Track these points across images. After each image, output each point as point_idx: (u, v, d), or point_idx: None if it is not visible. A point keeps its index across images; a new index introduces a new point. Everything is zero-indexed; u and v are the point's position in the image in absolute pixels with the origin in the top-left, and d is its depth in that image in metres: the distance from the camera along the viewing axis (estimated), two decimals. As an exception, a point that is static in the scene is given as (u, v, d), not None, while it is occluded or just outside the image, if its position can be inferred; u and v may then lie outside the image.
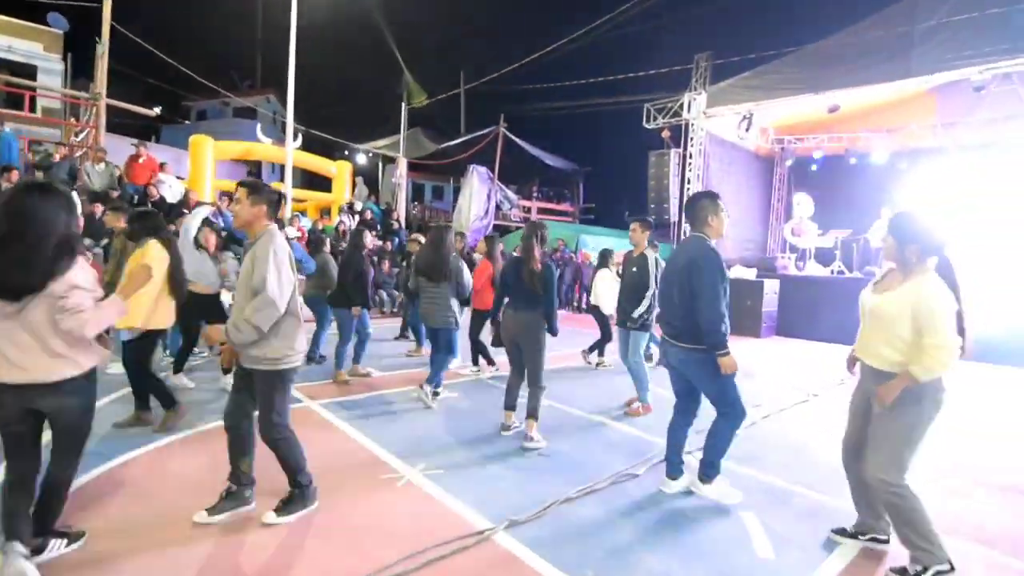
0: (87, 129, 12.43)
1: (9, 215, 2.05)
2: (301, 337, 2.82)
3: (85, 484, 3.07)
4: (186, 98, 28.40)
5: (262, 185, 2.81)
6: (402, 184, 17.08)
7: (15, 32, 15.71)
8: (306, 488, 2.89)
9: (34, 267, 2.04)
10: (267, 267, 2.55)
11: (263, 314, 2.55)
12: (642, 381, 4.98)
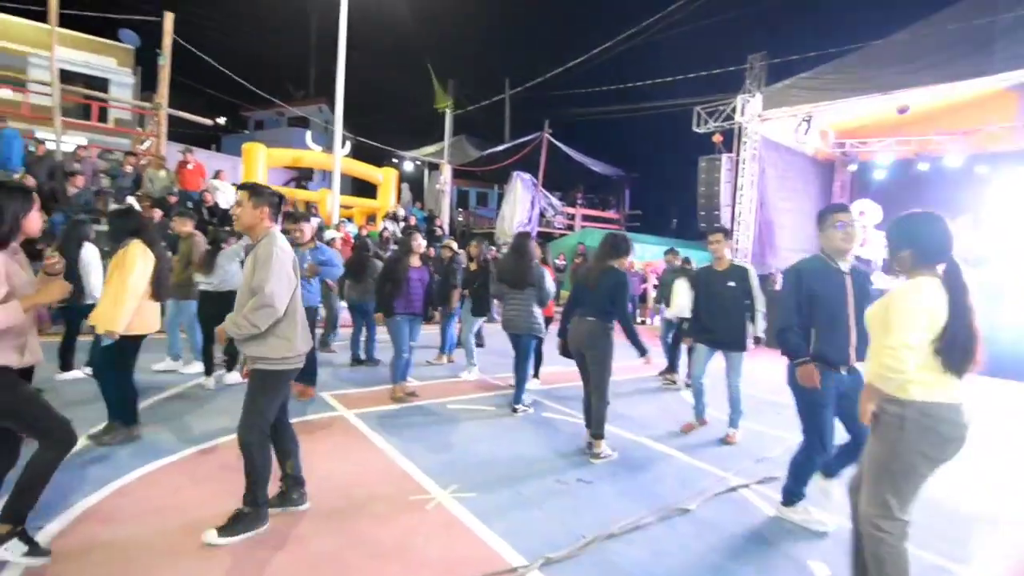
0: (150, 138, 13.05)
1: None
2: (299, 341, 2.74)
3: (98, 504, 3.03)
4: (245, 109, 29.65)
5: (263, 188, 2.79)
6: (446, 191, 17.13)
7: (92, 48, 16.73)
8: (260, 507, 2.69)
9: None
10: (268, 270, 2.56)
11: (260, 313, 2.55)
12: (739, 407, 4.55)
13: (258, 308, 2.54)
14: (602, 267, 4.04)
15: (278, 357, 2.66)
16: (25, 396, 2.36)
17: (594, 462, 3.92)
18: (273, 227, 2.74)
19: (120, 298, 3.58)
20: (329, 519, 2.89)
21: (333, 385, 5.65)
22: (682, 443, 4.48)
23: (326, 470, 3.50)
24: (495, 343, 8.44)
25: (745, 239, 13.13)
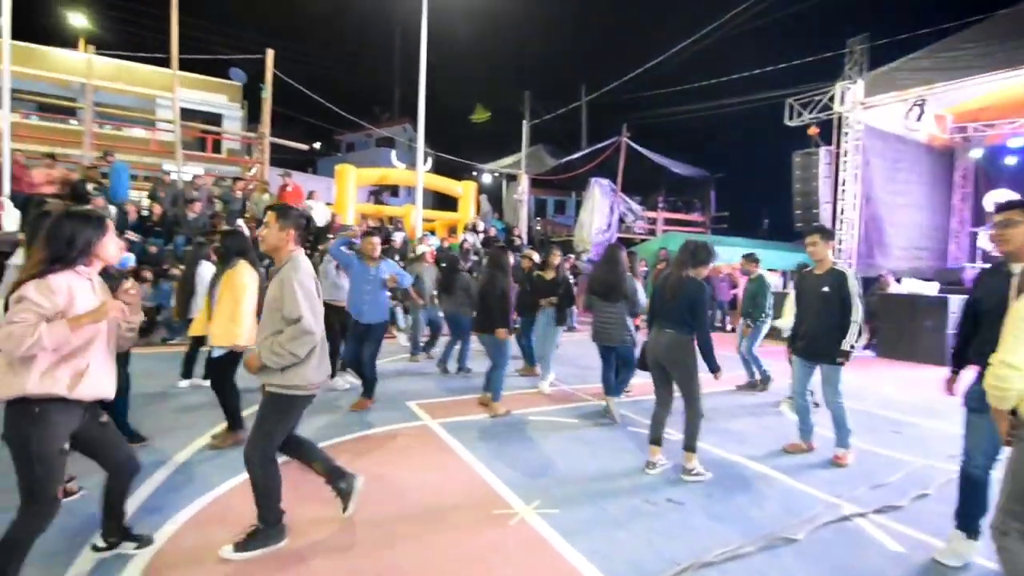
0: (256, 165, 14.30)
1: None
2: (313, 372, 2.68)
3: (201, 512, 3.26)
4: (337, 133, 31.75)
5: (291, 209, 2.79)
6: (524, 200, 17.25)
7: (207, 88, 18.68)
8: (272, 526, 2.67)
9: (21, 279, 2.06)
10: (298, 298, 2.54)
11: (300, 342, 2.55)
12: (845, 425, 4.14)
13: (297, 337, 2.53)
14: (680, 277, 3.86)
15: (291, 384, 2.63)
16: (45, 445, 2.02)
17: (685, 479, 3.73)
18: (297, 250, 2.73)
19: (235, 316, 3.87)
20: (412, 529, 2.93)
21: (420, 394, 5.80)
22: (784, 464, 4.12)
23: (410, 480, 3.57)
24: (574, 354, 8.31)
25: (849, 239, 12.04)
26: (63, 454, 2.08)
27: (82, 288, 2.17)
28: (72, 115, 16.69)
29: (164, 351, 7.64)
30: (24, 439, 1.97)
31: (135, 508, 2.97)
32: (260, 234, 2.81)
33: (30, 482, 1.99)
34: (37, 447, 1.97)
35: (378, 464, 3.84)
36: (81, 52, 16.16)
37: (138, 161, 15.55)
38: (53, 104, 15.56)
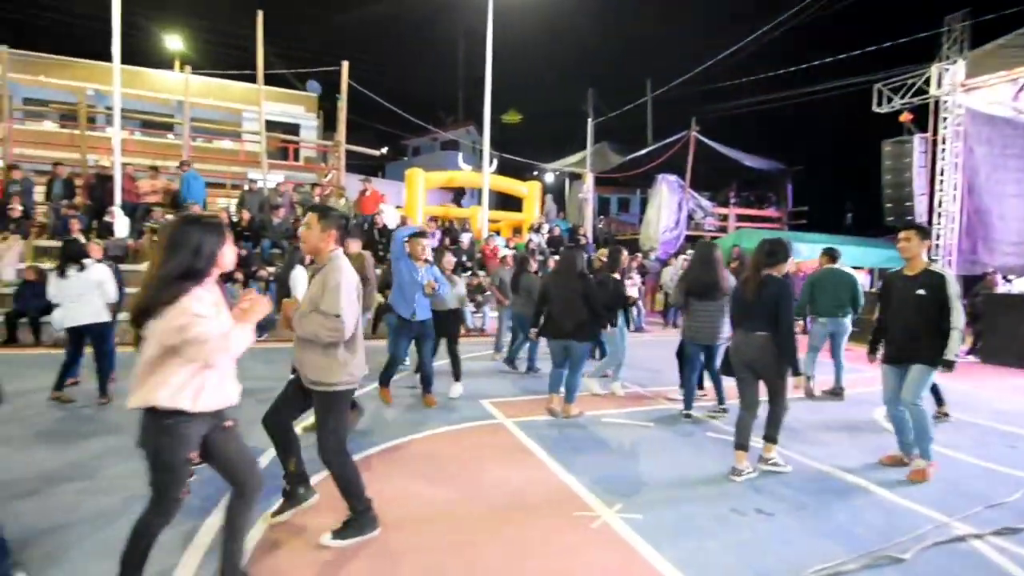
0: (331, 171, 15.03)
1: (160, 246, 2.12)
2: (356, 367, 2.79)
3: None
4: (404, 138, 32.77)
5: (331, 210, 2.83)
6: (589, 199, 17.07)
7: (285, 100, 19.81)
8: (363, 514, 2.78)
9: (151, 292, 2.01)
10: (339, 296, 2.62)
11: (331, 334, 2.65)
12: (928, 432, 3.82)
13: (333, 330, 2.63)
14: (760, 276, 3.79)
15: (336, 380, 2.72)
16: (174, 455, 2.09)
17: (763, 468, 3.81)
18: (338, 250, 2.77)
19: None
20: (494, 527, 2.98)
21: (494, 393, 5.88)
22: (881, 477, 3.84)
23: (489, 477, 3.63)
24: (643, 356, 8.14)
25: (949, 233, 11.07)
26: (189, 463, 2.15)
27: (213, 296, 2.17)
28: (170, 130, 18.23)
29: (255, 347, 8.17)
30: (156, 448, 2.07)
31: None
32: (301, 235, 2.84)
33: (158, 485, 2.11)
34: (167, 457, 2.07)
35: (457, 460, 3.94)
36: (178, 72, 17.63)
37: (226, 171, 16.79)
38: (154, 121, 17.06)
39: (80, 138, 13.21)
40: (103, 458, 3.81)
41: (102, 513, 3.00)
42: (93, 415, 4.78)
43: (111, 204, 10.03)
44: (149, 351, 2.03)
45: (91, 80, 16.20)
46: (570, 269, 5.02)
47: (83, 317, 4.97)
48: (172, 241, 2.07)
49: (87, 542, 2.70)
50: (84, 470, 3.59)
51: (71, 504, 3.09)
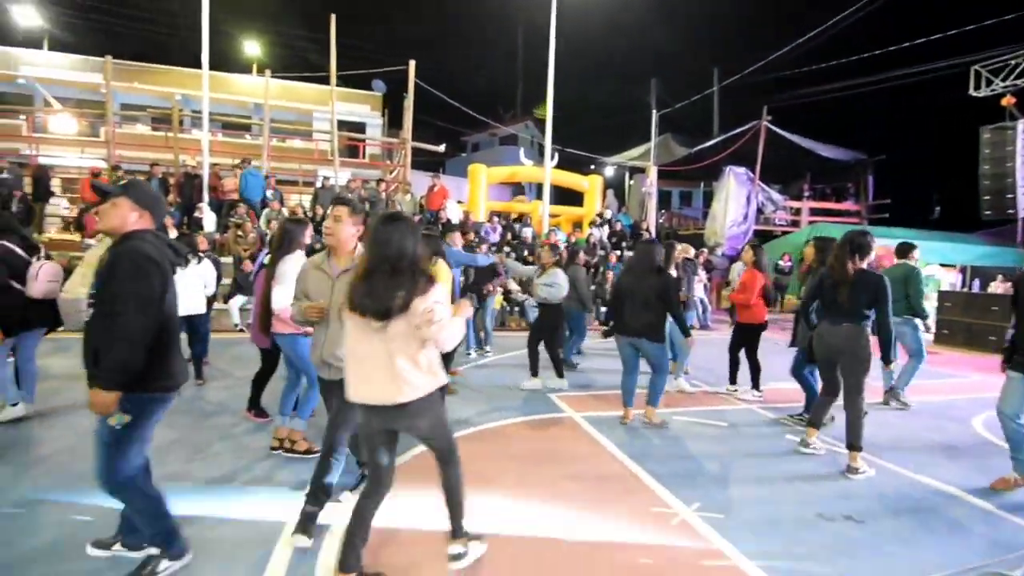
0: (397, 168, 15.49)
1: (377, 245, 2.23)
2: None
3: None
4: (463, 134, 33.21)
5: (359, 204, 2.85)
6: (652, 193, 16.71)
7: (352, 100, 20.55)
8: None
9: (398, 290, 2.15)
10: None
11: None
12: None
13: None
14: (847, 269, 3.80)
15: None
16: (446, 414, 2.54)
17: (852, 478, 3.68)
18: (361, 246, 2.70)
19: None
20: (576, 521, 3.00)
21: (555, 387, 5.89)
22: (978, 487, 3.58)
23: (564, 470, 3.66)
24: (711, 355, 7.91)
25: (1058, 227, 10.05)
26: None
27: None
28: (248, 131, 19.36)
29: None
30: (441, 413, 2.43)
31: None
32: (327, 227, 2.77)
33: (450, 441, 2.45)
34: (445, 416, 2.48)
35: (532, 453, 4.00)
36: (257, 76, 18.66)
37: (299, 168, 17.66)
38: (234, 122, 18.17)
39: (172, 140, 14.28)
40: (207, 432, 4.13)
41: (212, 481, 3.28)
42: (195, 395, 5.17)
43: (199, 201, 10.80)
44: (386, 346, 2.18)
45: (181, 86, 17.48)
46: (646, 263, 4.76)
47: (190, 307, 5.34)
48: (412, 238, 2.25)
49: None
50: (194, 443, 3.92)
51: (183, 472, 3.39)
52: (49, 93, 17.34)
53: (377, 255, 2.20)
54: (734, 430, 4.70)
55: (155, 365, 2.17)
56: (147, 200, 2.28)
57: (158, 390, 2.22)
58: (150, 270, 2.13)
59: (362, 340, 2.22)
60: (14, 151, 14.76)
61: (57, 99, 17.43)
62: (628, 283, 4.80)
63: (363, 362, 2.23)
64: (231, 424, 4.38)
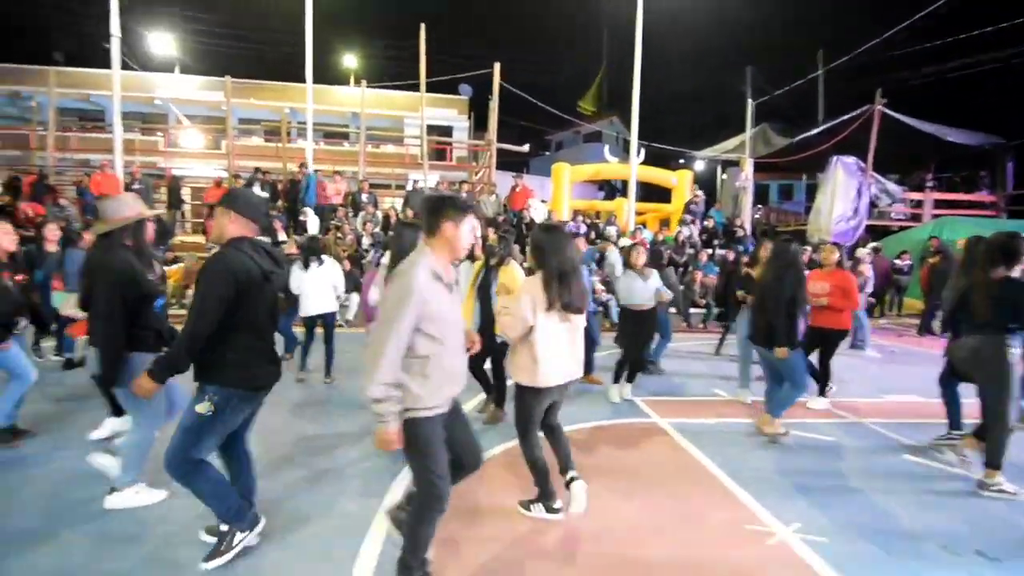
0: (482, 169, 15.81)
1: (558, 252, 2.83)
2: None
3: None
4: (546, 133, 33.22)
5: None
6: (748, 187, 15.74)
7: (440, 104, 21.20)
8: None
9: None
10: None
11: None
12: None
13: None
14: (992, 278, 3.46)
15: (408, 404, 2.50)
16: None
17: (985, 494, 3.37)
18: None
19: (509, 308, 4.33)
20: (662, 530, 2.91)
21: (641, 390, 5.72)
22: None
23: (651, 477, 3.56)
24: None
25: None
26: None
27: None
28: (346, 138, 20.65)
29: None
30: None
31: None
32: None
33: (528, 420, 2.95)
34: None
35: (615, 459, 3.92)
36: (354, 87, 19.84)
37: (390, 172, 18.56)
38: (333, 131, 19.46)
39: (281, 150, 15.56)
40: (336, 421, 4.47)
41: (351, 462, 3.60)
42: (327, 390, 5.55)
43: (305, 205, 11.68)
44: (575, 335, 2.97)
45: (289, 99, 18.98)
46: (779, 264, 4.33)
47: (321, 307, 5.71)
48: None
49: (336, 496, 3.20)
50: (332, 435, 4.25)
51: (326, 460, 3.68)
52: (180, 112, 19.54)
53: (567, 261, 2.82)
54: (840, 445, 4.31)
55: (235, 363, 2.37)
56: (242, 209, 2.44)
57: (238, 387, 2.40)
58: (224, 280, 2.30)
59: (560, 332, 2.84)
60: (152, 164, 16.80)
61: (187, 117, 19.59)
62: (760, 286, 4.42)
63: (563, 349, 2.86)
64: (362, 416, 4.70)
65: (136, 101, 18.16)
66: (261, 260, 2.42)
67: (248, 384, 2.43)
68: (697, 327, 10.24)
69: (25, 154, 16.16)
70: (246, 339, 2.39)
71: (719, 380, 6.26)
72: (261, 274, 2.40)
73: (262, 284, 2.41)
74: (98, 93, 17.84)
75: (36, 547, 2.60)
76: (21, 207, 11.08)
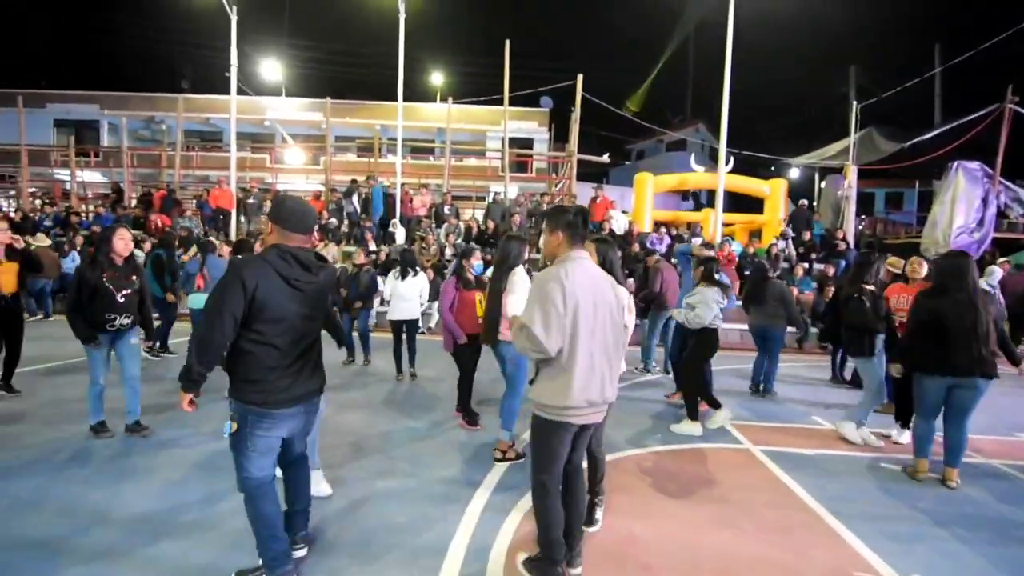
0: (562, 180, 15.83)
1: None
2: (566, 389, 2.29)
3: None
4: (627, 142, 32.69)
5: (557, 211, 2.51)
6: (851, 196, 14.54)
7: (521, 117, 21.52)
8: (543, 563, 2.41)
9: None
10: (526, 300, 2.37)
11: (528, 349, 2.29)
12: None
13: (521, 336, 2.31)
14: None
15: (543, 402, 2.35)
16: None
17: None
18: (572, 251, 2.40)
19: None
20: (761, 569, 2.71)
21: (741, 414, 5.40)
22: None
23: (743, 507, 3.34)
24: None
25: None
26: None
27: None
28: (431, 153, 21.49)
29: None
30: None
31: (505, 472, 3.57)
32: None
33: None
34: None
35: (702, 487, 3.71)
36: (439, 103, 20.63)
37: (472, 185, 19.05)
38: (420, 146, 20.32)
39: (373, 165, 16.47)
40: (420, 418, 4.65)
41: (443, 452, 3.71)
42: (410, 389, 5.96)
43: (393, 217, 12.26)
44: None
45: (380, 117, 20.08)
46: (960, 279, 3.78)
47: (409, 313, 6.24)
48: None
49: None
50: (423, 430, 4.43)
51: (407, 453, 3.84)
52: (285, 131, 21.26)
53: None
54: (964, 488, 3.82)
55: (248, 379, 2.22)
56: (278, 218, 2.31)
57: (252, 403, 2.22)
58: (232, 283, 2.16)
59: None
60: (260, 179, 18.40)
61: (291, 136, 21.28)
62: (944, 306, 3.76)
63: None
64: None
65: (248, 123, 20.02)
66: (285, 268, 2.23)
67: (260, 401, 2.22)
68: (791, 347, 9.55)
69: (156, 171, 18.29)
70: (262, 352, 2.21)
71: (818, 407, 5.80)
72: (284, 281, 2.22)
73: (286, 291, 2.22)
74: (217, 116, 19.88)
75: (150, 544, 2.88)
76: (152, 218, 12.52)
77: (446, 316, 4.57)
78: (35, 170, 18.04)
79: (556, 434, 2.35)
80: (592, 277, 2.37)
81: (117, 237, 4.13)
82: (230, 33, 12.35)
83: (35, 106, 19.76)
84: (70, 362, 6.36)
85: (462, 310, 4.59)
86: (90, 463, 3.69)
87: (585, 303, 2.27)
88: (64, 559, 2.54)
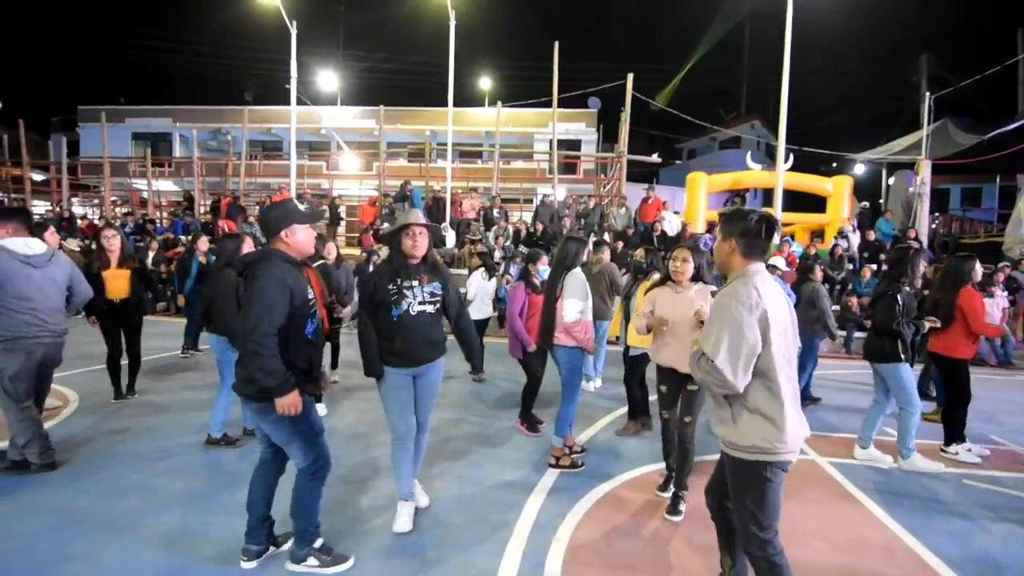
0: (612, 181, 15.64)
1: None
2: (784, 424, 1.94)
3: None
4: (678, 141, 31.94)
5: (734, 216, 2.10)
6: (925, 193, 13.63)
7: (569, 119, 21.37)
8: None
9: None
10: (714, 334, 1.97)
11: (715, 385, 1.98)
12: None
13: (714, 379, 1.97)
14: None
15: (745, 444, 1.98)
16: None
17: None
18: (750, 266, 2.03)
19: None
20: (828, 586, 2.59)
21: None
22: None
23: (809, 525, 3.19)
24: (1011, 400, 6.09)
25: None
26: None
27: None
28: (479, 157, 21.71)
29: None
30: None
31: (550, 481, 3.57)
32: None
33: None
34: None
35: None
36: (488, 108, 20.83)
37: (519, 187, 19.10)
38: (468, 150, 20.56)
39: (424, 170, 16.81)
40: (477, 415, 4.73)
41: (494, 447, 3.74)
42: (478, 388, 6.11)
43: (443, 220, 12.46)
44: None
45: (430, 123, 20.48)
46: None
47: (483, 312, 6.57)
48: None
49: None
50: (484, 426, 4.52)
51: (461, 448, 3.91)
52: (340, 139, 22.03)
53: None
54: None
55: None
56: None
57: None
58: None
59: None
60: (317, 185, 19.14)
61: (346, 143, 22.03)
62: None
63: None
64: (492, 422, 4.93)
65: (306, 131, 20.87)
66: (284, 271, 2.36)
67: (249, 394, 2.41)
68: (855, 354, 9.06)
69: (222, 180, 19.35)
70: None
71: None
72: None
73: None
74: (278, 126, 20.85)
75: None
76: (219, 224, 13.26)
77: (515, 322, 4.52)
78: (116, 179, 19.45)
79: (778, 476, 1.96)
80: (777, 297, 2.01)
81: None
82: (290, 47, 12.92)
83: (116, 121, 21.32)
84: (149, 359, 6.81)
85: (534, 315, 4.43)
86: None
87: (776, 327, 1.94)
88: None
